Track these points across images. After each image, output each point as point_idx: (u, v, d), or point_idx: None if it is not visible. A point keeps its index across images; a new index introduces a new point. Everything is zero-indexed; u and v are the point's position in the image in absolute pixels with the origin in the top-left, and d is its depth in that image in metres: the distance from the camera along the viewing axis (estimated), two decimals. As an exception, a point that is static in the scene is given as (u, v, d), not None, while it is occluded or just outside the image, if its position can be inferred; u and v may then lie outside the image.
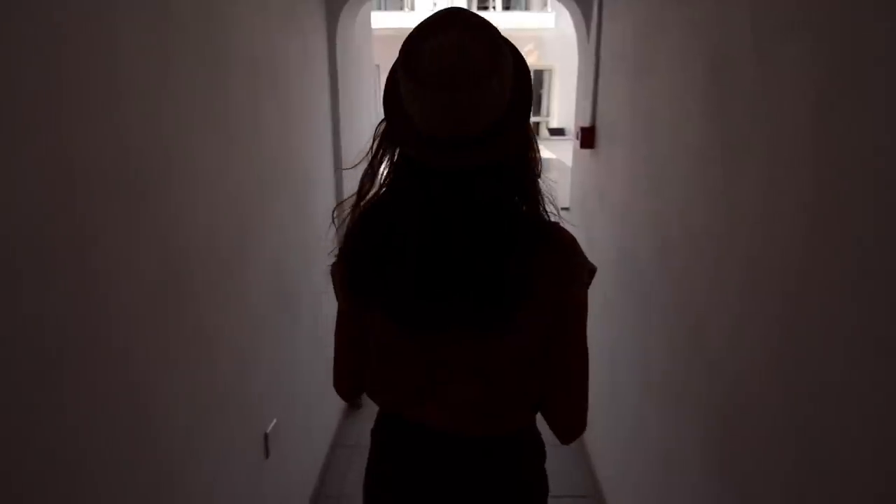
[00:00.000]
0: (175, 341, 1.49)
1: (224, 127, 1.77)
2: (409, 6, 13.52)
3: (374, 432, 1.23)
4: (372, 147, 1.01)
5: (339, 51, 3.12)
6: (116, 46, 1.25)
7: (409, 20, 13.12)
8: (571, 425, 1.08)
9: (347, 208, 1.05)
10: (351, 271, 1.05)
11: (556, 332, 1.02)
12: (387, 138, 0.99)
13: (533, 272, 0.95)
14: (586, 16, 3.21)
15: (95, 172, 1.17)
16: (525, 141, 0.99)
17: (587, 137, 3.12)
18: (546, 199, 1.02)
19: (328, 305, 3.24)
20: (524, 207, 0.99)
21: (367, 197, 1.03)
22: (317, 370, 2.92)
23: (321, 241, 3.01)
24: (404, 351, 1.05)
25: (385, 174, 1.02)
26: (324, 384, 3.20)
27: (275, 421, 2.22)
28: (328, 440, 3.20)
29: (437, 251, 0.94)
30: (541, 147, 1.08)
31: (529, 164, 1.00)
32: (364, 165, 1.04)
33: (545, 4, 13.44)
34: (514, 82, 0.93)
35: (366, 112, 4.14)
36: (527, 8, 14.56)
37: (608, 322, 2.67)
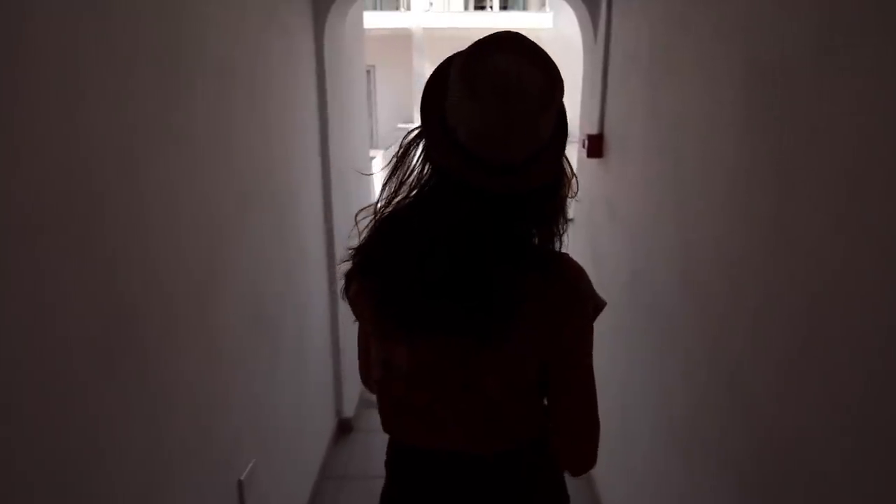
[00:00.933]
0: (127, 388, 1.26)
1: (191, 136, 1.55)
2: (405, 6, 13.29)
3: (386, 463, 1.23)
4: (397, 154, 0.99)
5: (327, 52, 2.89)
6: (72, 48, 1.05)
7: (404, 20, 12.89)
8: (576, 461, 1.08)
9: (369, 214, 1.05)
10: (368, 281, 1.04)
11: (557, 365, 1.01)
12: (424, 151, 0.98)
13: (530, 294, 0.95)
14: (593, 14, 2.99)
15: (36, 191, 0.96)
16: (560, 170, 0.98)
17: (594, 146, 2.90)
18: (565, 230, 1.02)
19: (315, 324, 3.03)
20: (539, 233, 0.99)
21: (388, 206, 1.02)
22: (302, 398, 2.69)
23: (307, 255, 2.79)
24: (411, 371, 1.04)
25: (410, 184, 1.00)
26: (310, 413, 3.00)
27: (252, 463, 1.99)
28: (315, 472, 2.97)
29: (454, 263, 0.94)
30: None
31: (561, 194, 0.99)
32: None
33: (543, 4, 13.21)
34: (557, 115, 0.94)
35: (357, 116, 3.91)
36: (524, 8, 14.33)
37: (619, 351, 2.45)
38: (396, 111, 13.90)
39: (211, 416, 1.70)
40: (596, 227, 3.00)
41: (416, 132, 0.99)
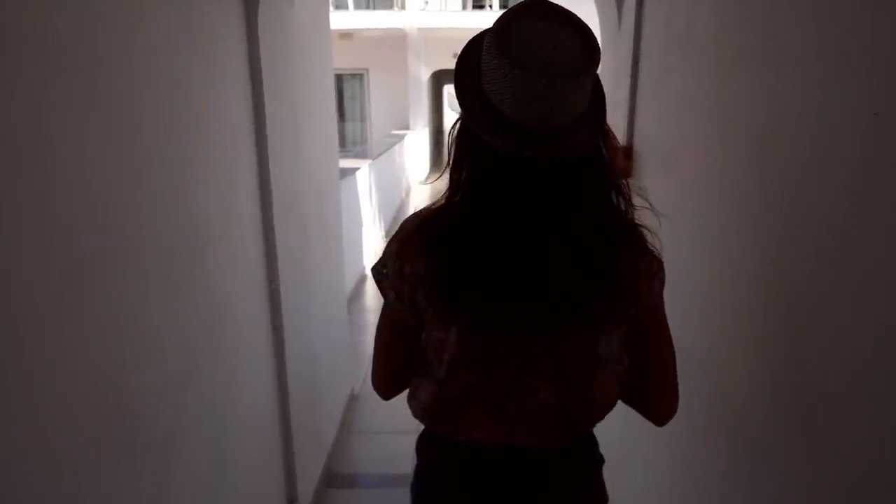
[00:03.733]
0: None
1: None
2: (399, 5, 12.62)
3: (422, 452, 1.18)
4: (450, 148, 0.98)
5: (266, 43, 2.18)
6: None
7: (398, 20, 12.25)
8: (668, 411, 1.09)
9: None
10: (445, 280, 0.96)
11: (643, 330, 1.02)
12: (469, 133, 0.94)
13: (623, 267, 0.95)
14: (618, -9, 2.29)
15: None
16: (606, 131, 0.96)
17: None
18: (629, 195, 0.99)
19: (250, 401, 2.21)
20: (617, 201, 0.97)
21: (437, 202, 1.00)
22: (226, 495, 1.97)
23: (229, 312, 2.03)
24: (485, 363, 0.99)
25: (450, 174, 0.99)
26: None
27: None
28: None
29: (537, 242, 0.92)
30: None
31: (612, 155, 0.97)
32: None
33: (545, 4, 12.53)
34: None
35: (322, 124, 3.20)
36: (525, 7, 13.62)
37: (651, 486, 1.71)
38: (391, 117, 13.27)
39: None
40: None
41: (458, 124, 0.97)
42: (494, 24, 0.87)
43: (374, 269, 1.03)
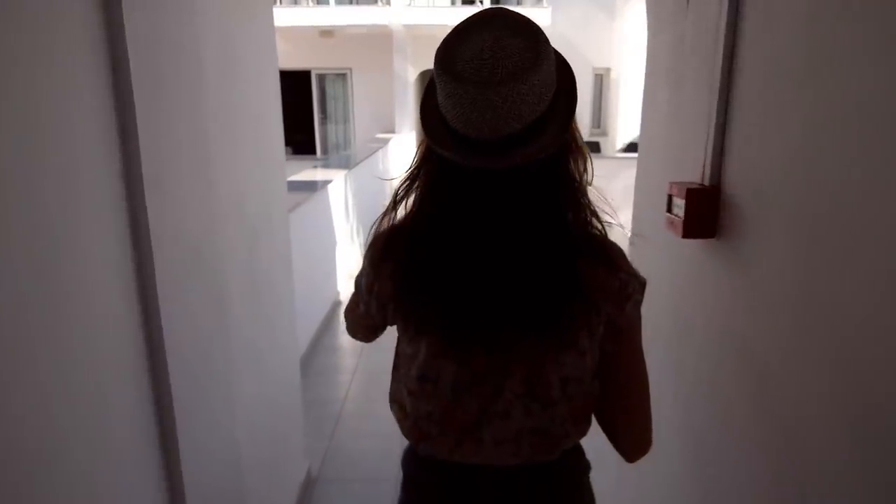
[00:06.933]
0: None
1: None
2: (384, 1, 11.78)
3: (407, 476, 1.16)
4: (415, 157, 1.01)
5: (141, 33, 1.36)
6: None
7: (383, 16, 11.48)
8: (635, 446, 1.06)
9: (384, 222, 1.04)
10: (407, 301, 0.99)
11: (612, 353, 0.99)
12: (429, 148, 0.96)
13: (586, 282, 0.93)
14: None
15: None
16: (567, 144, 0.93)
17: (700, 213, 1.38)
18: (595, 211, 0.96)
19: None
20: (570, 216, 0.94)
21: (397, 212, 1.01)
22: None
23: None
24: (453, 384, 0.98)
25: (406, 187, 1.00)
26: None
27: None
28: None
29: (493, 257, 0.92)
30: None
31: (572, 168, 0.95)
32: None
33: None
34: (558, 84, 0.90)
35: (258, 143, 2.36)
36: (519, 3, 12.79)
37: None
38: (376, 119, 12.54)
39: None
40: (705, 398, 1.47)
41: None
42: (443, 40, 0.87)
43: (356, 278, 1.07)
